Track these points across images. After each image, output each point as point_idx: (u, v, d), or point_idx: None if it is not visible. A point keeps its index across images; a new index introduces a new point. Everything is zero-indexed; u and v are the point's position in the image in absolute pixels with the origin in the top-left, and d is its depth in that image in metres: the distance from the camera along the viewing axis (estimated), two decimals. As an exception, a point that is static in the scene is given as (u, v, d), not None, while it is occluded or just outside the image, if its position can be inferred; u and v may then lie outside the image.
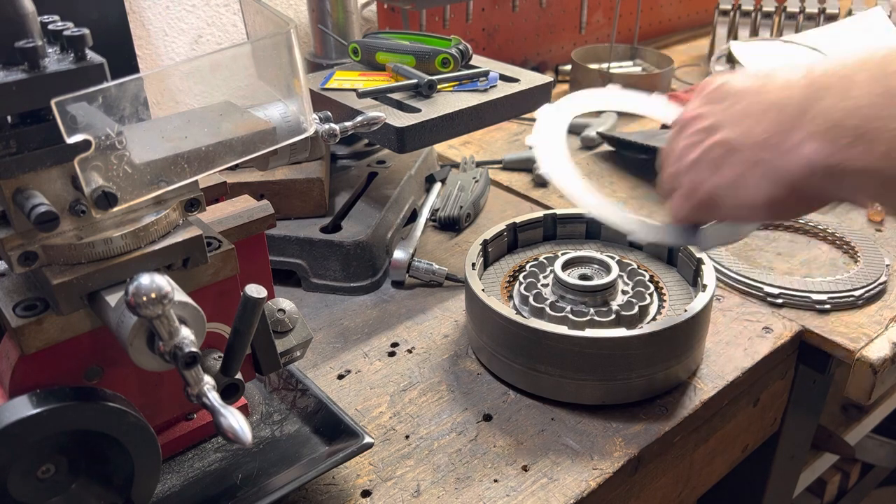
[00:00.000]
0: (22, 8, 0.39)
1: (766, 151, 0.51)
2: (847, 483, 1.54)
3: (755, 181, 0.52)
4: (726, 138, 0.54)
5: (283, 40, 0.47)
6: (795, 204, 0.52)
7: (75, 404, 0.43)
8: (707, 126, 0.56)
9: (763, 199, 0.52)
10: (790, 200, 0.51)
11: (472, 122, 0.82)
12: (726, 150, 0.54)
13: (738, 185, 0.53)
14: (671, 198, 0.60)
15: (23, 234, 0.42)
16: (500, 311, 0.66)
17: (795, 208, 0.53)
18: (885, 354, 0.71)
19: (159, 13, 1.09)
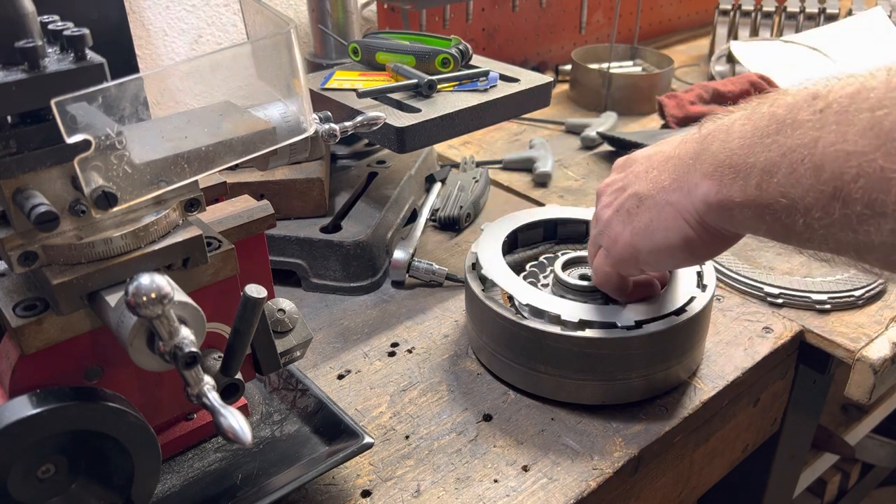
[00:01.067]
0: (22, 8, 0.39)
1: (672, 194, 0.55)
2: (847, 483, 1.54)
3: (668, 222, 0.55)
4: (636, 191, 0.58)
5: (283, 40, 0.47)
6: (708, 241, 0.55)
7: (75, 404, 0.43)
8: (618, 187, 0.61)
9: (678, 238, 0.55)
10: (703, 237, 0.54)
11: (472, 122, 0.81)
12: (638, 200, 0.58)
13: (652, 228, 0.57)
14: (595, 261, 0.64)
15: (23, 234, 0.42)
16: (500, 311, 0.66)
17: (709, 245, 0.55)
18: (885, 354, 0.71)
19: (159, 13, 1.09)
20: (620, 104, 1.31)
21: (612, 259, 0.62)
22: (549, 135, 1.25)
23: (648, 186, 0.57)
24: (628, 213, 0.59)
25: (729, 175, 0.49)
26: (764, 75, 1.24)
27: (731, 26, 1.57)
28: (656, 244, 0.57)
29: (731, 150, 0.49)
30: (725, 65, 1.49)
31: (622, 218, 0.59)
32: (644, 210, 0.57)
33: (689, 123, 1.17)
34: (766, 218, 0.47)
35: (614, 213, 0.60)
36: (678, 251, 0.56)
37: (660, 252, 0.57)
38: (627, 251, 0.59)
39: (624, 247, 0.59)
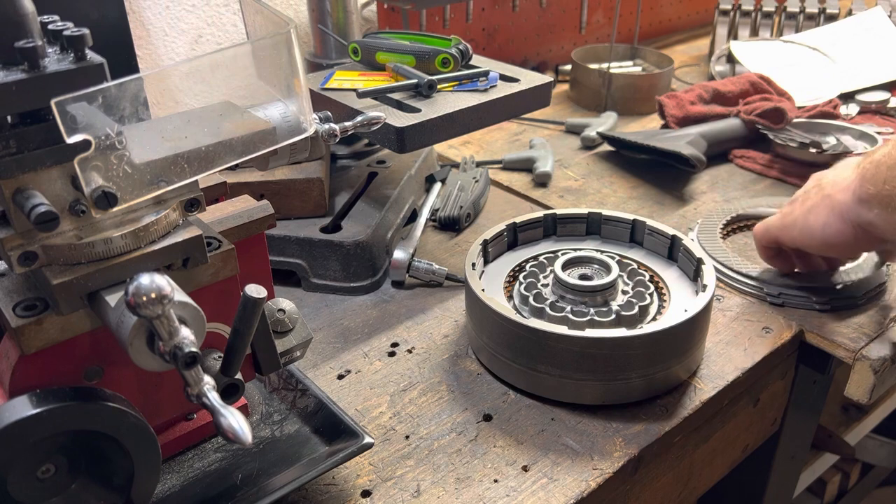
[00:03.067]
0: (22, 8, 0.39)
1: (835, 188, 0.69)
2: (847, 483, 1.54)
3: (821, 210, 0.70)
4: (823, 184, 0.72)
5: (283, 40, 0.47)
6: (844, 235, 0.69)
7: (75, 404, 0.43)
8: (818, 178, 0.75)
9: (820, 225, 0.70)
10: (840, 230, 0.69)
11: (472, 122, 0.81)
12: (819, 191, 0.72)
13: (810, 213, 0.71)
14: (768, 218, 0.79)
15: (23, 234, 0.42)
16: (500, 311, 0.66)
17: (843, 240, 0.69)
18: (885, 354, 0.71)
19: (159, 13, 1.09)
20: (620, 104, 1.31)
21: (779, 223, 0.76)
22: (549, 135, 1.25)
23: (829, 181, 0.71)
24: (807, 197, 0.73)
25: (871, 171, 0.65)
26: (764, 75, 1.24)
27: (731, 26, 1.57)
28: (807, 226, 0.71)
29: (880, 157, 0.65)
30: (725, 65, 1.49)
31: (803, 199, 0.74)
32: (815, 197, 0.72)
33: (688, 123, 1.17)
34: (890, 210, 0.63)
35: (803, 194, 0.75)
36: (818, 237, 0.71)
37: (806, 233, 0.72)
38: (791, 224, 0.74)
39: (791, 220, 0.74)
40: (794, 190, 1.03)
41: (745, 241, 0.92)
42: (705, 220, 0.93)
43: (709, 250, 0.87)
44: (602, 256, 0.74)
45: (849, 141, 1.11)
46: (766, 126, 1.12)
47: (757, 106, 1.14)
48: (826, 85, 1.30)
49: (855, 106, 1.25)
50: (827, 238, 0.70)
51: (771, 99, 1.17)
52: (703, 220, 0.93)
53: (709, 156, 1.08)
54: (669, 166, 1.08)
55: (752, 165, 1.10)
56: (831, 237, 0.70)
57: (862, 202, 0.66)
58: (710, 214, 0.94)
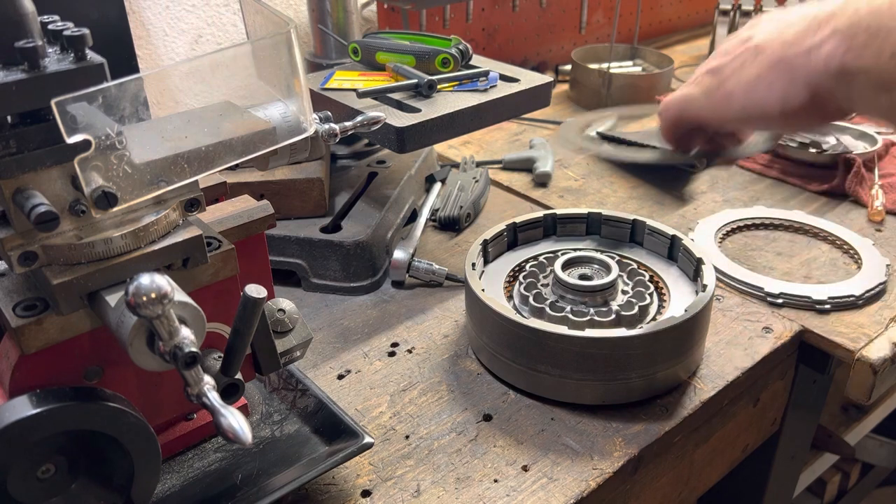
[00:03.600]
0: (22, 8, 0.39)
1: (789, 49, 0.53)
2: (847, 483, 1.54)
3: (773, 79, 0.54)
4: (758, 42, 0.56)
5: (283, 40, 0.47)
6: (808, 108, 0.52)
7: (75, 404, 0.43)
8: (744, 37, 0.58)
9: (777, 98, 0.53)
10: (802, 102, 0.52)
11: (472, 122, 0.81)
12: (755, 52, 0.56)
13: (756, 83, 0.55)
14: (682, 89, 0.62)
15: (23, 234, 0.42)
16: (500, 311, 0.66)
17: (806, 114, 0.53)
18: (885, 354, 0.71)
19: (159, 13, 1.09)
20: (620, 104, 1.31)
21: (705, 100, 0.60)
22: (549, 135, 1.25)
23: (770, 39, 0.55)
24: (742, 63, 0.57)
25: (863, 36, 0.47)
26: (764, 75, 1.24)
27: (731, 26, 1.57)
28: (753, 99, 0.55)
29: (873, 10, 0.47)
30: (725, 65, 1.49)
31: (735, 66, 0.57)
32: (757, 63, 0.55)
33: (689, 123, 1.16)
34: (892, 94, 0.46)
35: (730, 59, 0.58)
36: (772, 111, 0.54)
37: (752, 109, 0.56)
38: (722, 100, 0.58)
39: (722, 95, 0.58)
40: (794, 190, 1.03)
41: (745, 240, 0.92)
42: (704, 222, 0.93)
43: (708, 253, 0.87)
44: (602, 256, 0.74)
45: (849, 141, 1.11)
46: (766, 126, 1.11)
47: (757, 106, 1.13)
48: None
49: (855, 106, 1.25)
50: (787, 112, 0.54)
51: (771, 99, 1.17)
52: (703, 222, 0.93)
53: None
54: (669, 166, 1.08)
55: (752, 165, 1.10)
56: (792, 110, 0.54)
57: (844, 76, 0.49)
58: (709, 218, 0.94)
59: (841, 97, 0.50)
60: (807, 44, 0.51)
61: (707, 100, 0.60)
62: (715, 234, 0.91)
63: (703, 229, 0.91)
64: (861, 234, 0.89)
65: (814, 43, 0.51)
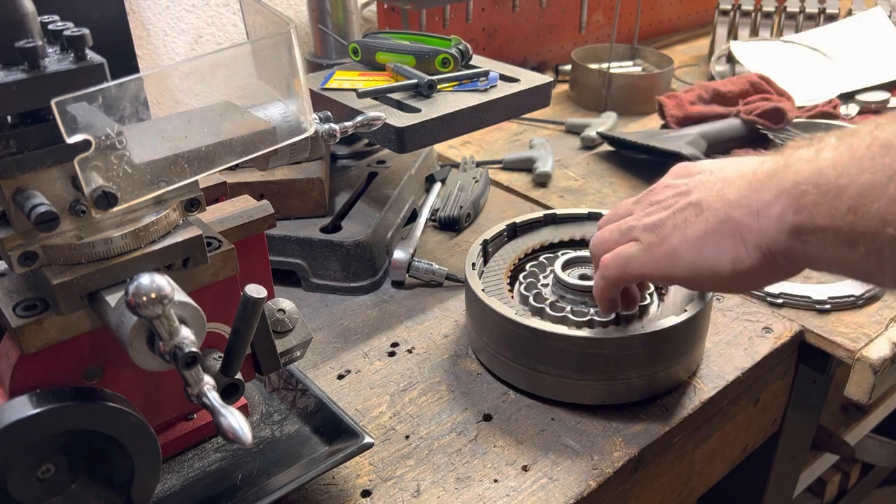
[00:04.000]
0: (22, 8, 0.39)
1: (737, 210, 0.51)
2: (847, 483, 1.54)
3: (722, 239, 0.51)
4: (699, 199, 0.54)
5: (283, 40, 0.47)
6: (760, 268, 0.50)
7: (75, 404, 0.43)
8: (680, 191, 0.56)
9: (727, 259, 0.51)
10: (756, 263, 0.50)
11: (472, 122, 0.81)
12: (698, 210, 0.53)
13: (703, 242, 0.52)
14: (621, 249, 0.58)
15: (23, 234, 0.42)
16: (500, 311, 0.66)
17: (758, 274, 0.51)
18: (885, 354, 0.71)
19: (159, 13, 1.09)
20: (620, 104, 1.31)
21: (648, 258, 0.56)
22: (549, 135, 1.25)
23: (712, 197, 0.53)
24: (685, 220, 0.54)
25: (812, 194, 0.45)
26: (764, 75, 1.24)
27: (731, 26, 1.57)
28: (701, 259, 0.53)
29: (818, 169, 0.45)
30: (725, 65, 1.49)
31: (676, 222, 0.55)
32: (701, 221, 0.53)
33: (688, 123, 1.17)
34: (858, 248, 0.43)
35: (670, 214, 0.56)
36: (722, 272, 0.52)
37: (701, 268, 0.53)
38: (666, 257, 0.55)
39: (666, 252, 0.55)
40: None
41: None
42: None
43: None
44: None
45: (849, 141, 1.11)
46: (766, 126, 1.12)
47: (757, 106, 1.14)
48: (826, 85, 1.30)
49: (855, 106, 1.25)
50: (738, 273, 0.51)
51: (771, 99, 1.17)
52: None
53: (709, 156, 1.08)
54: (669, 166, 1.08)
55: (752, 165, 1.10)
56: (745, 272, 0.51)
57: (799, 233, 0.47)
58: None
59: (797, 256, 0.48)
60: (753, 204, 0.49)
61: (649, 256, 0.56)
62: None
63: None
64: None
65: (761, 203, 0.49)
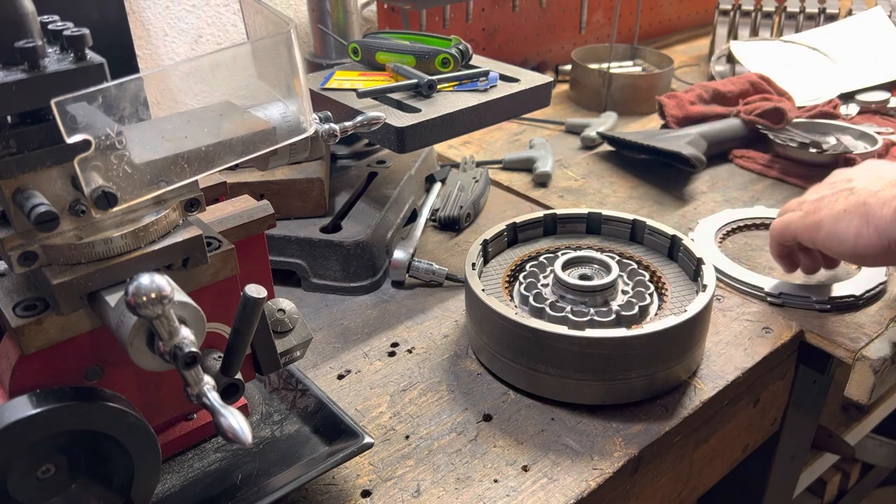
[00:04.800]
0: (22, 8, 0.39)
1: (872, 198, 0.67)
2: (847, 483, 1.54)
3: (852, 218, 0.67)
4: (853, 186, 0.70)
5: (283, 40, 0.47)
6: (877, 250, 0.66)
7: (75, 404, 0.43)
8: (846, 177, 0.73)
9: (852, 235, 0.67)
10: (872, 244, 0.66)
11: (472, 122, 0.81)
12: (849, 192, 0.70)
13: (841, 218, 0.68)
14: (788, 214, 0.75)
15: (23, 234, 0.42)
16: (500, 311, 0.66)
17: (875, 256, 0.67)
18: (885, 354, 0.71)
19: (159, 13, 1.09)
20: (620, 104, 1.31)
21: (802, 222, 0.72)
22: (549, 135, 1.25)
23: (863, 185, 0.69)
24: (837, 198, 0.70)
25: None
26: (764, 75, 1.24)
27: (731, 26, 1.57)
28: (836, 231, 0.68)
29: None
30: (725, 65, 1.49)
31: (830, 199, 0.71)
32: (846, 203, 0.68)
33: (688, 123, 1.17)
34: None
35: (830, 193, 0.71)
36: (846, 244, 0.67)
37: (834, 239, 0.69)
38: (814, 224, 0.71)
39: (815, 220, 0.71)
40: (794, 190, 1.04)
41: (745, 240, 0.92)
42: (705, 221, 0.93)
43: (708, 253, 0.87)
44: (602, 256, 0.74)
45: (849, 141, 1.11)
46: (766, 126, 1.12)
47: (757, 106, 1.14)
48: (826, 85, 1.30)
49: (855, 106, 1.25)
50: (858, 249, 0.67)
51: (771, 99, 1.17)
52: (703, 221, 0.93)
53: (709, 156, 1.08)
54: (669, 166, 1.08)
55: (752, 165, 1.10)
56: (863, 249, 0.66)
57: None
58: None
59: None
60: (884, 196, 0.65)
61: (802, 222, 0.72)
62: (715, 234, 0.91)
63: (704, 229, 0.91)
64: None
65: (889, 196, 0.65)
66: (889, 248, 0.65)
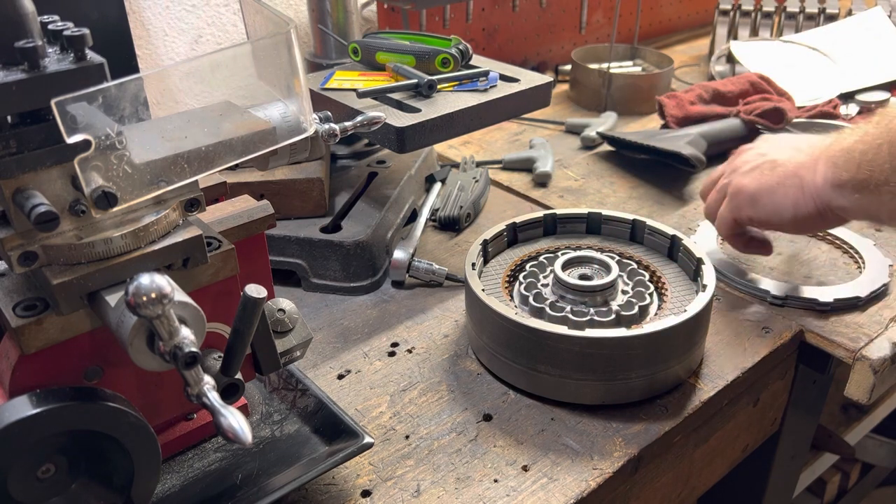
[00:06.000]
0: (22, 8, 0.39)
1: (801, 170, 0.70)
2: (847, 483, 1.54)
3: (788, 190, 0.70)
4: (775, 158, 0.73)
5: (283, 40, 0.47)
6: (813, 216, 0.69)
7: (75, 404, 0.43)
8: (760, 152, 0.75)
9: (790, 205, 0.70)
10: (811, 212, 0.69)
11: (472, 122, 0.81)
12: (773, 165, 0.72)
13: (775, 190, 0.71)
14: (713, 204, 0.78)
15: (23, 234, 0.42)
16: (500, 311, 0.66)
17: (811, 221, 0.70)
18: (885, 354, 0.71)
19: (159, 13, 1.09)
20: (620, 104, 1.31)
21: (731, 205, 0.75)
22: (549, 135, 1.25)
23: (786, 157, 0.72)
24: (761, 172, 0.73)
25: (843, 158, 0.65)
26: (764, 75, 1.24)
27: (731, 26, 1.57)
28: (773, 203, 0.71)
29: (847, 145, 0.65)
30: (725, 65, 1.49)
31: (755, 175, 0.73)
32: (775, 174, 0.71)
33: (688, 123, 1.17)
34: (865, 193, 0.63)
35: (750, 169, 0.74)
36: (786, 215, 0.70)
37: (773, 211, 0.71)
38: (747, 201, 0.73)
39: (746, 197, 0.73)
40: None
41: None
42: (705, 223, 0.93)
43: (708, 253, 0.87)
44: (602, 256, 0.74)
45: (849, 141, 1.11)
46: (766, 126, 1.12)
47: (757, 106, 1.14)
48: (826, 85, 1.30)
49: (855, 106, 1.25)
50: (798, 219, 0.70)
51: (771, 99, 1.17)
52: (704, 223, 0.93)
53: (709, 156, 1.08)
54: (669, 166, 1.08)
55: (752, 165, 1.10)
56: (802, 218, 0.70)
57: (835, 188, 0.66)
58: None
59: (836, 206, 0.67)
60: (811, 165, 0.69)
61: (735, 202, 0.74)
62: (716, 234, 0.91)
63: (705, 230, 0.91)
64: (861, 235, 0.89)
65: (816, 166, 0.68)
66: (823, 214, 0.69)
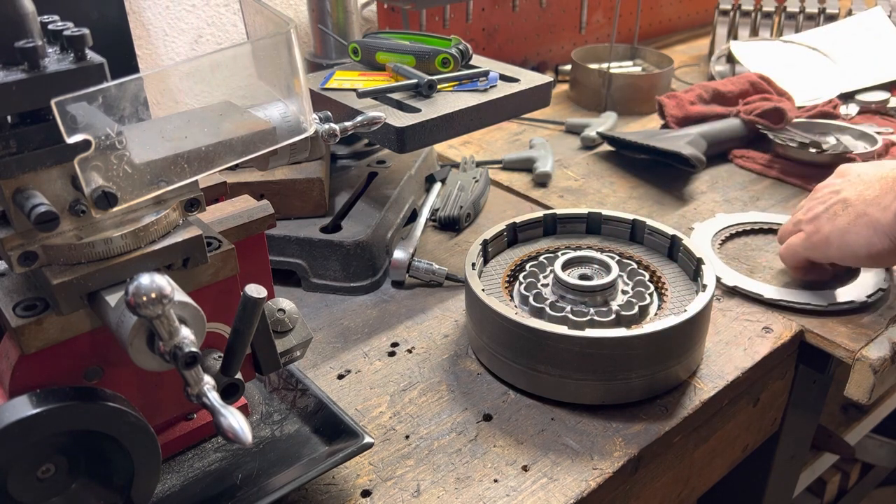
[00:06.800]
0: (22, 8, 0.39)
1: (871, 207, 0.72)
2: (847, 483, 1.54)
3: (860, 230, 0.72)
4: (846, 197, 0.74)
5: (283, 40, 0.47)
6: (889, 251, 0.71)
7: (75, 404, 0.43)
8: (833, 190, 0.77)
9: (864, 244, 0.72)
10: (885, 248, 0.71)
11: (472, 122, 0.81)
12: (844, 205, 0.74)
13: (847, 231, 0.73)
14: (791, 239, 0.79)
15: (23, 234, 0.42)
16: (500, 311, 0.66)
17: (888, 256, 0.72)
18: (885, 354, 0.71)
19: (159, 13, 1.09)
20: (620, 104, 1.31)
21: (808, 244, 0.77)
22: (549, 135, 1.25)
23: (856, 196, 0.73)
24: (835, 213, 0.74)
25: None
26: (764, 75, 1.24)
27: (731, 26, 1.57)
28: (847, 244, 0.73)
29: None
30: (725, 65, 1.49)
31: (829, 216, 0.75)
32: (846, 215, 0.73)
33: (688, 123, 1.17)
34: None
35: (824, 209, 0.76)
36: (860, 254, 0.73)
37: (848, 253, 0.73)
38: (823, 243, 0.75)
39: (821, 238, 0.75)
40: (794, 190, 1.04)
41: (746, 240, 0.92)
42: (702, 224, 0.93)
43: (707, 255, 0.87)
44: (602, 256, 0.74)
45: (849, 141, 1.11)
46: (766, 126, 1.12)
47: (757, 106, 1.14)
48: (826, 85, 1.30)
49: (855, 106, 1.25)
50: (873, 255, 0.72)
51: (771, 99, 1.17)
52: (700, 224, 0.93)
53: (709, 156, 1.08)
54: (669, 166, 1.08)
55: (752, 165, 1.10)
56: (877, 254, 0.72)
57: None
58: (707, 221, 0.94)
59: None
60: (883, 203, 0.71)
61: (809, 243, 0.77)
62: (712, 239, 0.90)
63: (700, 233, 0.90)
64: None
65: (886, 202, 0.70)
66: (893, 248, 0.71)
